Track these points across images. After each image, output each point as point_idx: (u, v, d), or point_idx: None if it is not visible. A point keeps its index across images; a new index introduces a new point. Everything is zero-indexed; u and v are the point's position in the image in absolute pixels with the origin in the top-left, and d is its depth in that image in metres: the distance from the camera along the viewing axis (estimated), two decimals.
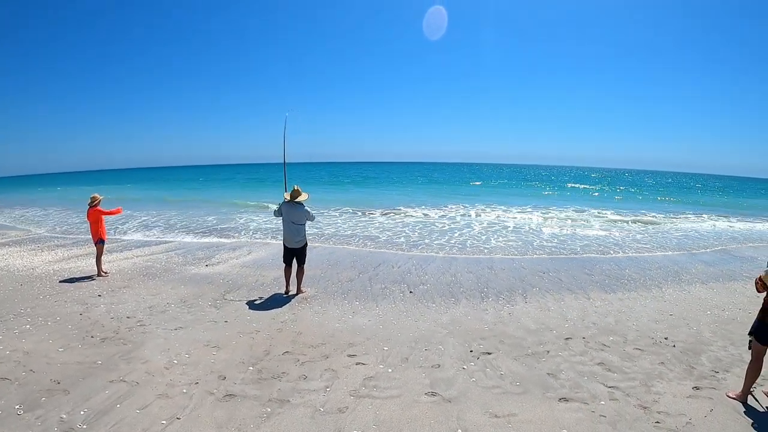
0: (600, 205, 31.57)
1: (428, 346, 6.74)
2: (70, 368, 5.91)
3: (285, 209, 9.33)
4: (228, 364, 6.06)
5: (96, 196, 11.39)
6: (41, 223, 22.80)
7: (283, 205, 9.39)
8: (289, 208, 9.30)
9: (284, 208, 9.34)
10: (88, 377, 5.65)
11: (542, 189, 49.18)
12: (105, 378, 5.63)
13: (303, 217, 9.35)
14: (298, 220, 9.33)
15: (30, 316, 8.03)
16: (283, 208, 9.37)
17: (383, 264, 12.31)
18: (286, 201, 9.41)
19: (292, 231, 9.38)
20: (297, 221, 9.33)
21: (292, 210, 9.29)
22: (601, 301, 9.16)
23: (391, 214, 24.44)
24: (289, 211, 9.30)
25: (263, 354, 6.41)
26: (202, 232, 18.63)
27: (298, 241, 9.46)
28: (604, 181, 73.26)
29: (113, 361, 6.13)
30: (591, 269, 11.87)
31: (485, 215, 24.13)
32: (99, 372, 5.81)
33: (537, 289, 9.90)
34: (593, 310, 8.54)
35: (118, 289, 9.80)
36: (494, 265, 12.28)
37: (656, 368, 6.03)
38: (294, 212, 9.28)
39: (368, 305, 8.76)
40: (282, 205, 9.41)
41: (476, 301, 9.09)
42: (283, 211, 9.37)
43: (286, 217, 9.33)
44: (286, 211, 9.32)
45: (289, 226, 9.37)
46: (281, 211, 9.41)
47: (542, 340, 7.01)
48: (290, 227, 9.37)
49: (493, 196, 37.24)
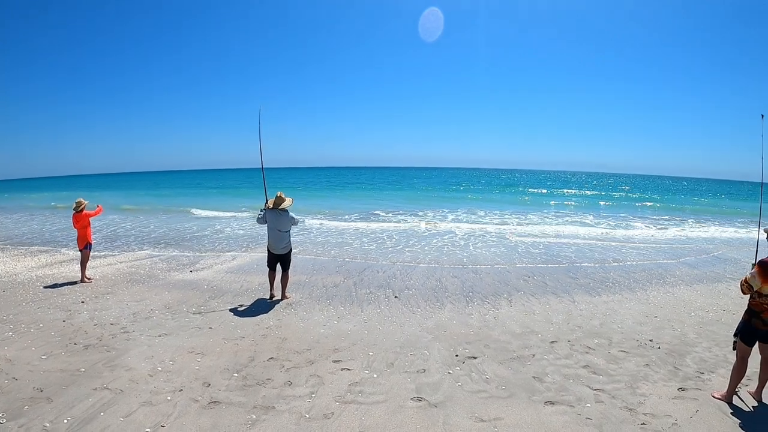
0: (590, 210, 31.70)
1: (414, 351, 6.74)
2: (53, 376, 5.85)
3: (270, 217, 9.26)
4: (212, 370, 6.01)
5: (81, 200, 11.28)
6: (20, 228, 22.56)
7: (267, 212, 9.32)
8: (273, 216, 9.23)
9: (269, 216, 9.28)
10: (71, 385, 5.59)
11: (540, 195, 49.16)
12: (88, 386, 5.57)
13: (288, 224, 9.30)
14: (283, 228, 9.28)
15: (13, 323, 7.94)
16: (267, 216, 9.30)
17: (368, 269, 12.31)
18: (269, 208, 9.34)
19: (277, 238, 9.31)
20: (282, 228, 9.28)
21: (277, 217, 9.22)
22: (586, 304, 9.22)
23: (376, 219, 24.48)
24: (273, 218, 9.23)
25: (248, 360, 6.37)
26: (182, 239, 18.51)
27: (283, 248, 9.40)
28: (603, 186, 73.55)
29: (97, 369, 6.07)
30: (576, 273, 11.96)
31: (469, 221, 24.07)
32: (82, 380, 5.75)
33: (522, 293, 9.95)
34: (578, 314, 8.59)
35: (102, 296, 9.71)
36: (479, 269, 12.34)
37: (641, 370, 6.07)
38: (278, 220, 9.22)
39: (353, 310, 8.75)
40: (266, 213, 9.34)
41: (461, 305, 9.11)
42: (267, 218, 9.30)
43: (272, 225, 9.27)
44: (270, 219, 9.26)
45: (274, 233, 9.31)
46: (265, 218, 9.34)
47: (527, 344, 7.04)
48: (275, 234, 9.31)
49: (479, 202, 37.35)
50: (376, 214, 27.12)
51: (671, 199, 44.62)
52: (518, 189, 58.58)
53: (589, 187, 68.55)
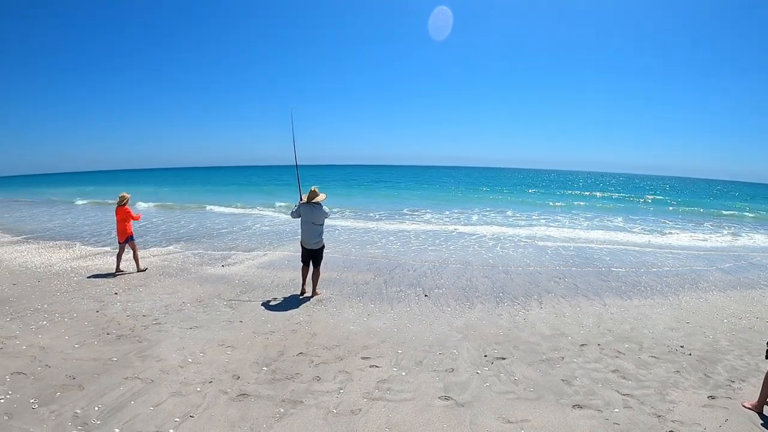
0: (621, 213, 31.12)
1: (442, 350, 6.70)
2: (85, 364, 5.96)
3: (304, 210, 9.33)
4: (242, 364, 6.08)
5: (125, 194, 11.63)
6: (54, 221, 23.06)
7: (301, 206, 9.38)
8: (307, 210, 9.31)
9: (303, 210, 9.34)
10: (103, 374, 5.69)
11: (568, 196, 48.29)
12: (120, 375, 5.67)
13: (322, 217, 9.37)
14: (317, 221, 9.34)
15: (47, 312, 8.14)
16: (301, 210, 9.36)
17: (398, 268, 12.28)
18: (303, 203, 9.40)
19: (311, 232, 9.38)
20: (316, 221, 9.34)
21: (311, 211, 9.30)
22: (618, 308, 9.05)
23: (403, 219, 24.46)
24: (307, 212, 9.30)
25: (277, 355, 6.42)
26: (213, 235, 18.71)
27: (316, 242, 9.47)
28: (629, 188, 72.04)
29: (128, 359, 6.18)
30: (607, 276, 11.74)
31: (497, 222, 23.82)
32: (114, 369, 5.85)
33: (552, 295, 9.82)
34: (609, 317, 8.44)
35: (135, 288, 9.90)
36: (510, 270, 12.20)
37: (671, 376, 5.95)
38: (313, 213, 9.29)
39: (383, 308, 8.75)
40: (300, 207, 9.40)
41: (491, 305, 9.03)
42: (301, 212, 9.36)
43: (306, 218, 9.34)
44: (305, 212, 9.33)
45: (308, 226, 9.37)
46: (299, 212, 9.40)
47: (557, 346, 6.94)
48: (309, 228, 9.37)
49: (506, 203, 37.00)
50: (403, 213, 27.10)
51: (704, 203, 43.31)
52: (546, 190, 57.53)
53: (618, 189, 67.01)
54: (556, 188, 62.72)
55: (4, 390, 5.22)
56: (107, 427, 4.52)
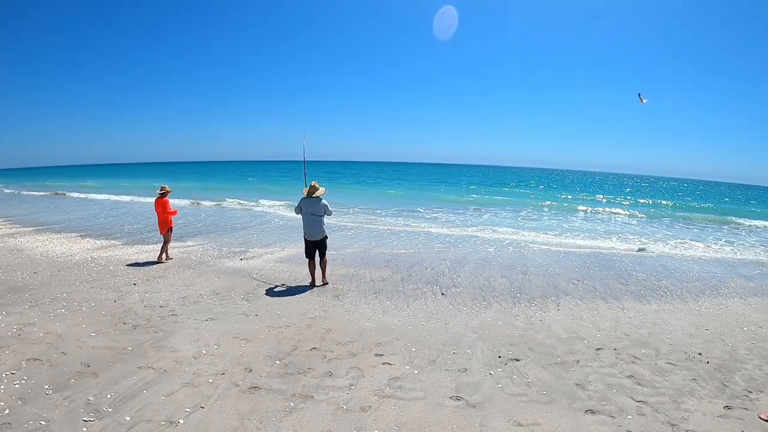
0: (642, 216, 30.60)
1: (456, 349, 6.64)
2: (100, 353, 6.04)
3: (304, 204, 9.81)
4: (255, 357, 6.10)
5: (165, 186, 12.00)
6: (76, 212, 23.36)
7: (302, 201, 9.86)
8: (307, 203, 9.78)
9: (303, 204, 9.82)
10: (117, 362, 5.77)
11: (589, 201, 47.58)
12: (134, 364, 5.73)
13: (321, 210, 9.80)
14: (316, 212, 9.78)
15: (66, 301, 8.26)
16: (302, 204, 9.84)
17: (417, 265, 12.22)
18: (304, 197, 9.86)
19: (312, 223, 9.83)
20: (316, 212, 9.78)
21: (310, 203, 9.76)
22: (636, 312, 8.89)
23: (421, 217, 24.40)
24: (307, 205, 9.78)
25: (291, 349, 6.43)
26: (232, 228, 18.81)
27: (319, 233, 9.88)
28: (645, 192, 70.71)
29: (143, 349, 6.24)
30: (627, 280, 11.54)
31: (514, 226, 23.68)
32: (128, 358, 5.91)
33: (570, 297, 9.69)
34: (626, 321, 8.29)
35: (153, 279, 9.99)
36: (528, 270, 12.07)
37: (687, 384, 5.82)
38: (312, 205, 9.75)
39: (399, 305, 8.72)
40: (300, 201, 9.88)
41: (508, 306, 8.93)
42: (302, 206, 9.84)
43: (306, 210, 9.81)
44: (305, 206, 9.80)
45: (308, 218, 9.83)
46: (300, 207, 9.87)
47: (572, 350, 6.83)
48: (310, 219, 9.83)
49: (523, 204, 36.65)
50: (424, 211, 27.10)
51: (727, 210, 42.05)
52: (569, 191, 56.48)
53: (641, 192, 65.43)
54: (582, 190, 61.49)
55: (20, 375, 5.31)
56: (118, 415, 4.56)
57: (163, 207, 11.83)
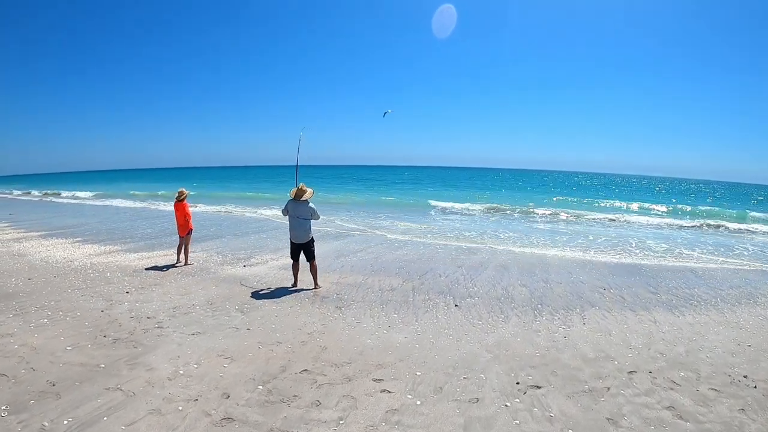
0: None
1: (468, 373, 5.75)
2: (70, 370, 5.52)
3: (290, 206, 9.65)
4: (237, 379, 5.34)
5: (183, 190, 11.89)
6: (84, 219, 23.12)
7: (289, 202, 9.68)
8: (293, 205, 9.62)
9: (289, 206, 9.67)
10: (85, 382, 5.21)
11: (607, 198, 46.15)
12: (102, 384, 5.15)
13: (307, 213, 9.59)
14: (302, 215, 9.58)
15: (52, 310, 7.81)
16: (288, 206, 9.69)
17: (430, 272, 11.39)
18: (290, 199, 9.68)
19: (297, 226, 9.64)
20: (301, 215, 9.58)
21: (296, 206, 9.59)
22: (669, 325, 7.89)
23: (439, 219, 23.62)
24: (293, 207, 9.62)
25: (278, 371, 5.64)
26: (242, 233, 18.15)
27: (304, 236, 9.69)
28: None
29: (117, 366, 5.65)
30: (656, 286, 10.53)
31: (539, 219, 23.19)
32: (98, 377, 5.35)
33: (596, 309, 8.73)
34: (660, 337, 7.30)
35: (148, 287, 9.44)
36: (550, 278, 11.12)
37: (735, 417, 4.85)
38: (298, 208, 9.57)
39: (407, 319, 7.87)
40: (288, 203, 9.71)
41: (528, 319, 8.02)
42: (288, 208, 9.69)
43: (292, 213, 9.65)
44: (291, 208, 9.65)
45: (294, 221, 9.65)
46: (287, 209, 9.71)
47: (601, 373, 5.87)
48: (294, 222, 9.65)
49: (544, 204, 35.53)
50: (438, 214, 26.72)
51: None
52: (594, 193, 54.68)
53: (664, 194, 62.77)
54: (606, 195, 59.60)
55: None
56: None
57: (182, 210, 11.71)
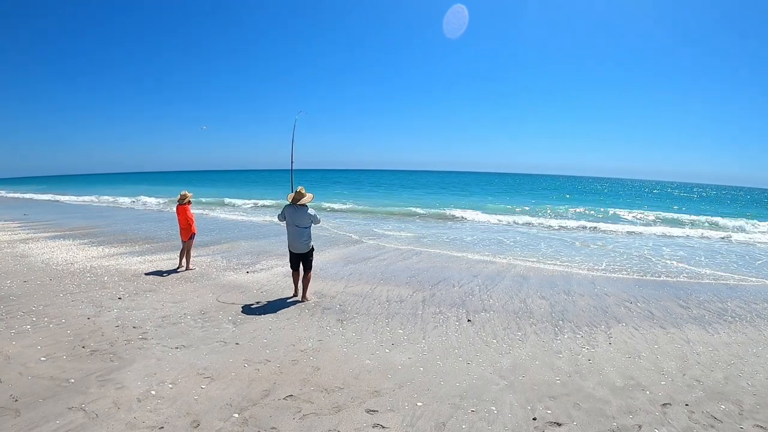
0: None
1: (477, 404, 4.96)
2: (38, 384, 5.05)
3: (288, 212, 8.86)
4: (212, 404, 4.71)
5: (186, 193, 11.55)
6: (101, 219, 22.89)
7: (286, 208, 8.92)
8: (291, 211, 8.81)
9: (287, 212, 8.88)
10: (49, 398, 4.74)
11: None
12: (66, 402, 4.67)
13: (307, 220, 8.82)
14: (301, 223, 8.80)
15: (37, 316, 7.40)
16: (286, 212, 8.91)
17: (443, 282, 10.62)
18: (288, 204, 8.92)
19: (296, 235, 8.84)
20: (300, 224, 8.80)
21: (295, 213, 8.79)
22: (704, 345, 7.00)
23: (457, 224, 23.10)
24: (291, 214, 8.81)
25: (260, 395, 4.97)
26: (255, 236, 17.53)
27: (304, 244, 8.89)
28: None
29: (87, 382, 5.14)
30: (686, 300, 9.63)
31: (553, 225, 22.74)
32: (65, 393, 4.86)
33: (623, 326, 7.85)
34: (695, 360, 6.42)
35: (142, 293, 8.93)
36: (572, 289, 10.27)
37: None
38: (297, 215, 8.77)
39: (414, 335, 7.09)
40: (285, 209, 8.96)
41: (548, 337, 7.20)
42: (286, 214, 8.89)
43: (290, 220, 8.83)
44: (289, 215, 8.84)
45: (293, 229, 8.85)
46: (284, 215, 8.92)
47: (631, 406, 5.02)
48: (293, 231, 8.84)
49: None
50: (455, 218, 26.20)
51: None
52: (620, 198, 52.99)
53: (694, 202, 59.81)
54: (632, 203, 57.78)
55: None
56: None
57: (185, 214, 11.33)
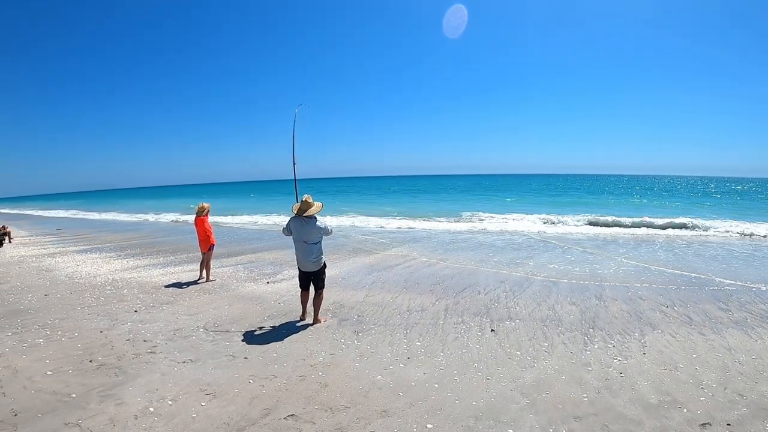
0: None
1: (493, 426, 4.49)
2: (40, 398, 5.00)
3: (294, 226, 7.56)
4: (209, 423, 4.47)
5: (204, 205, 11.49)
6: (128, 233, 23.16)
7: (292, 221, 7.62)
8: (298, 225, 7.52)
9: (293, 225, 7.57)
10: (48, 413, 4.66)
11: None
12: (64, 418, 4.58)
13: (316, 235, 7.54)
14: (310, 239, 7.52)
15: (51, 329, 7.41)
16: (291, 226, 7.61)
17: (468, 288, 10.12)
18: (293, 216, 7.63)
19: (304, 251, 7.57)
20: (309, 239, 7.52)
21: (302, 226, 7.50)
22: (746, 354, 6.27)
23: (487, 226, 23.15)
24: (298, 228, 7.53)
25: (260, 414, 4.68)
26: (278, 247, 17.32)
27: (314, 263, 7.65)
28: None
29: (88, 397, 5.03)
30: (727, 302, 8.83)
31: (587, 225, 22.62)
32: (64, 408, 4.78)
33: (659, 332, 7.16)
34: (737, 370, 5.73)
35: (158, 305, 8.86)
36: (604, 293, 9.64)
37: None
38: (305, 230, 7.49)
39: (432, 348, 6.63)
40: (290, 222, 7.64)
41: (577, 347, 6.60)
42: (292, 228, 7.60)
43: (297, 236, 7.55)
44: (295, 229, 7.55)
45: (300, 245, 7.57)
46: (289, 229, 7.64)
47: (666, 428, 4.43)
48: (301, 247, 7.56)
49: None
50: (487, 221, 26.10)
51: None
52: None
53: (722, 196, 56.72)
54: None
55: None
56: None
57: (203, 226, 11.27)
